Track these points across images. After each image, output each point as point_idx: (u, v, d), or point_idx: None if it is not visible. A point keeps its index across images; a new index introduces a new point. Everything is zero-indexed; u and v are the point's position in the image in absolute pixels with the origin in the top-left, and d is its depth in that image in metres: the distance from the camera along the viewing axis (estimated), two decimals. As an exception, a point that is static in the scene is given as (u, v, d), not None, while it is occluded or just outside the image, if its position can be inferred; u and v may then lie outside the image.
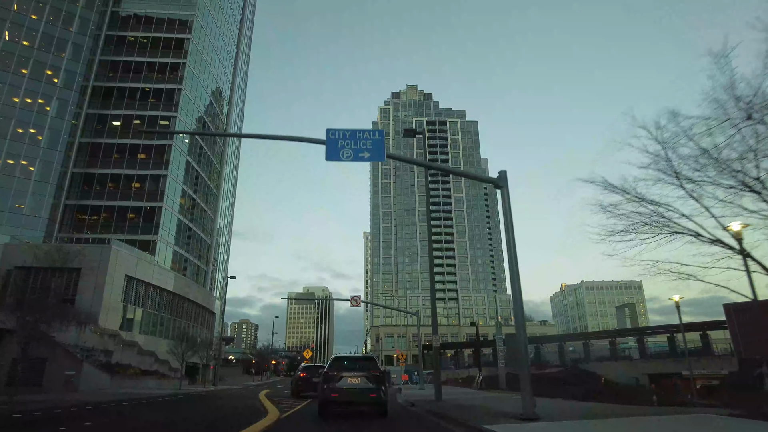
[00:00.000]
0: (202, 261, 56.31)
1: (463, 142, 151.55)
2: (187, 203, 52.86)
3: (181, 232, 50.97)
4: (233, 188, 73.59)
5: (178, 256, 50.38)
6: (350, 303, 29.84)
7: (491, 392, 23.80)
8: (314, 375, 21.30)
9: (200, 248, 56.86)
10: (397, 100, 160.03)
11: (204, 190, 57.67)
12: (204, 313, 56.04)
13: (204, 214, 58.04)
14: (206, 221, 58.34)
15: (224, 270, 72.91)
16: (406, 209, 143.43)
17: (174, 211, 48.63)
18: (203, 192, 57.47)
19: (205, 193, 57.98)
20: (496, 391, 24.52)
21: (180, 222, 50.53)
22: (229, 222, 71.56)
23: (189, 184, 53.25)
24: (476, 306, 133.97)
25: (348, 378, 11.59)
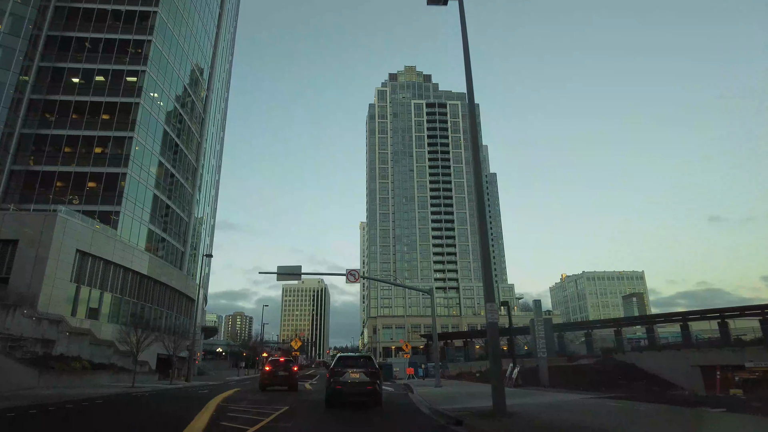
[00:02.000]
0: (179, 241, 49.90)
1: (463, 126, 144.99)
2: (165, 178, 46.39)
3: (157, 210, 44.57)
4: (217, 163, 66.96)
5: (154, 236, 44.01)
6: (346, 279, 23.64)
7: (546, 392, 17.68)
8: (280, 369, 21.63)
9: (179, 228, 50.42)
10: (395, 82, 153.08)
11: (184, 165, 51.13)
12: (182, 300, 49.71)
13: (183, 191, 51.54)
14: (185, 198, 51.84)
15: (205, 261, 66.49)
16: (404, 195, 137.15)
17: (148, 184, 42.23)
18: (183, 167, 50.92)
19: (185, 168, 51.43)
20: (549, 391, 18.45)
21: (156, 198, 44.12)
22: (212, 200, 65.02)
23: (167, 157, 46.78)
24: (478, 295, 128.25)
25: (350, 373, 13.70)
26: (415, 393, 19.19)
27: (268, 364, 23.00)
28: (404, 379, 40.75)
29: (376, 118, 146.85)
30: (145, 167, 41.62)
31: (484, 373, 32.44)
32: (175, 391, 23.22)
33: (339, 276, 22.48)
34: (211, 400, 14.46)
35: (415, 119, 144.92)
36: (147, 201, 42.08)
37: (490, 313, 9.59)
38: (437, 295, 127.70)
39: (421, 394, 17.86)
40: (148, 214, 42.07)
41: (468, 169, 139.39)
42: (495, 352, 9.61)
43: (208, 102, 58.41)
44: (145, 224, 41.58)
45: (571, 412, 10.55)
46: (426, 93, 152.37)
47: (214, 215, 69.47)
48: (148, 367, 37.31)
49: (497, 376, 9.31)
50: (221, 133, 69.03)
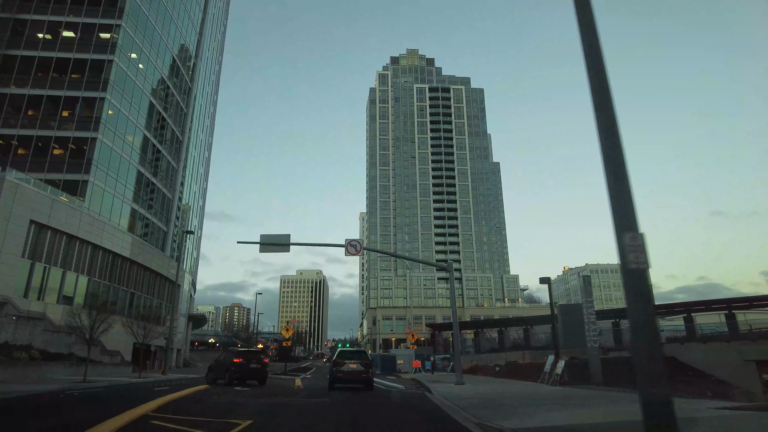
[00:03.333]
0: (162, 219, 45.28)
1: (467, 111, 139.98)
2: (146, 150, 41.71)
3: (135, 183, 39.96)
4: (207, 140, 62.15)
5: (131, 212, 39.44)
6: (346, 251, 19.14)
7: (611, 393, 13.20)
8: (252, 360, 19.56)
9: (162, 206, 45.79)
10: (397, 66, 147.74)
11: (169, 137, 46.43)
12: (164, 284, 45.20)
13: (168, 166, 46.87)
14: (170, 173, 47.14)
15: (195, 241, 61.99)
16: (406, 183, 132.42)
17: (124, 153, 37.65)
18: (168, 140, 46.23)
19: (170, 141, 46.73)
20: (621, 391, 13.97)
21: (135, 170, 39.48)
22: (201, 179, 60.30)
23: (148, 126, 42.09)
24: (481, 286, 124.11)
25: (348, 364, 17.66)
26: (435, 393, 14.72)
27: (238, 356, 19.98)
28: (410, 372, 36.36)
29: (376, 102, 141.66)
30: (120, 134, 36.88)
31: (507, 368, 27.98)
32: (129, 386, 18.71)
33: (338, 248, 17.66)
34: (148, 402, 9.95)
35: (417, 104, 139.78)
36: (123, 172, 37.39)
37: (632, 250, 4.95)
38: (439, 286, 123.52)
39: (445, 396, 13.38)
40: (123, 187, 37.40)
41: (472, 156, 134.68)
42: (649, 330, 4.90)
43: (195, 71, 53.50)
44: (120, 197, 36.93)
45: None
46: (429, 77, 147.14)
47: (204, 195, 64.87)
48: (120, 357, 32.93)
49: (658, 372, 4.66)
50: (212, 108, 64.16)
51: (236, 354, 20.51)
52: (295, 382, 20.46)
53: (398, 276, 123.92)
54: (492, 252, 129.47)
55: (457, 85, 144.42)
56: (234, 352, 21.21)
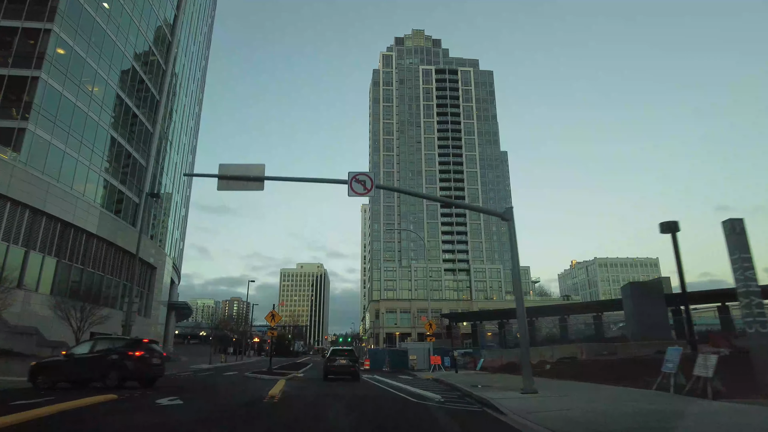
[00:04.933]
0: (133, 190, 38.63)
1: (476, 94, 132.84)
2: (111, 104, 35.10)
3: (105, 147, 33.43)
4: (193, 109, 55.36)
5: (100, 181, 32.98)
6: (349, 190, 12.49)
7: None
8: (154, 355, 14.92)
9: (135, 176, 39.21)
10: (401, 47, 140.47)
11: (144, 96, 39.83)
12: (137, 266, 38.65)
13: (144, 131, 40.27)
14: (145, 138, 40.49)
15: (181, 221, 55.41)
16: (411, 169, 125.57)
17: (80, 101, 31.00)
18: (142, 99, 39.63)
19: (145, 101, 40.12)
20: None
21: (102, 132, 32.94)
22: (187, 151, 53.59)
23: (128, 91, 35.55)
24: (490, 278, 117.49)
25: (339, 360, 20.96)
26: (514, 415, 8.03)
27: (137, 348, 14.60)
28: (426, 371, 29.71)
29: (380, 84, 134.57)
30: (75, 77, 30.17)
31: (558, 364, 21.31)
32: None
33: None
34: None
35: (423, 86, 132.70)
36: (78, 125, 30.68)
37: None
38: (445, 278, 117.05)
39: (547, 425, 6.66)
40: (78, 143, 30.71)
41: (481, 141, 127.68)
42: None
43: (176, 24, 46.63)
44: (74, 155, 30.24)
45: None
46: (435, 59, 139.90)
47: (192, 169, 58.23)
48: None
49: None
50: (198, 74, 57.35)
51: (131, 344, 14.58)
52: (274, 386, 13.83)
53: (402, 267, 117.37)
54: (501, 243, 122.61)
55: (465, 67, 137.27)
56: (130, 343, 14.95)
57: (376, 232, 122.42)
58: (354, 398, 12.05)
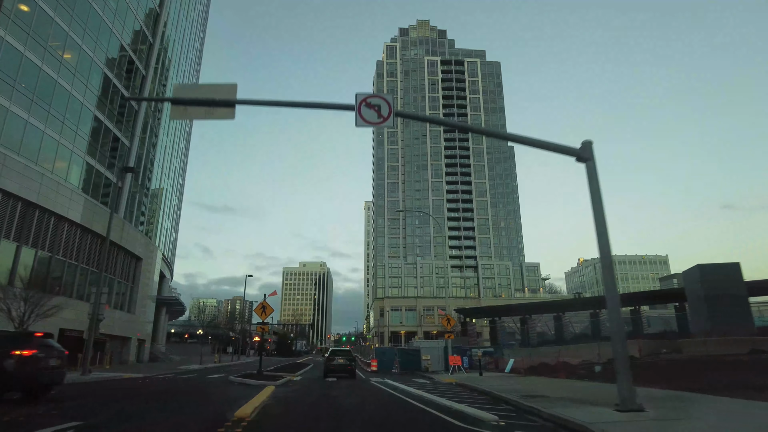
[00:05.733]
0: (110, 169, 34.85)
1: (483, 86, 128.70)
2: (101, 86, 31.44)
3: (77, 120, 29.70)
4: (193, 78, 51.53)
5: (72, 158, 29.24)
6: (357, 117, 8.49)
7: None
8: (52, 355, 10.70)
9: (115, 154, 35.45)
10: (406, 37, 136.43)
11: (129, 72, 36.12)
12: (126, 259, 34.94)
13: (131, 110, 36.56)
14: (127, 114, 36.72)
15: (171, 214, 51.72)
16: (416, 163, 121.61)
17: (45, 64, 27.22)
18: (127, 74, 35.92)
19: (129, 75, 36.40)
20: None
21: (73, 101, 29.17)
22: (179, 136, 49.80)
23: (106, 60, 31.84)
24: (499, 275, 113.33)
25: (338, 359, 23.48)
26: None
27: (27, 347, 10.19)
28: (442, 372, 25.78)
29: (384, 76, 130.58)
30: (40, 35, 26.40)
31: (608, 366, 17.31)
32: None
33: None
34: None
35: (428, 78, 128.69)
36: (46, 91, 26.91)
37: None
38: (452, 275, 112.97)
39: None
40: (45, 113, 26.94)
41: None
42: None
43: None
44: (39, 125, 26.46)
45: None
46: (440, 50, 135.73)
47: (186, 155, 54.57)
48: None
49: None
50: (192, 54, 53.54)
51: (16, 339, 10.86)
52: (255, 398, 9.96)
53: (407, 264, 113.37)
54: (510, 238, 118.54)
55: (471, 58, 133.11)
56: (14, 337, 11.38)
57: (380, 227, 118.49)
58: (370, 423, 8.16)
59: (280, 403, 10.67)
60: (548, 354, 24.92)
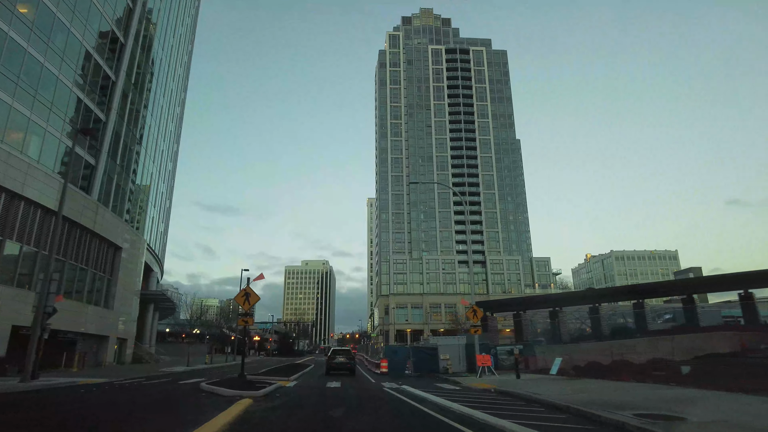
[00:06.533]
0: (83, 146, 30.72)
1: (489, 75, 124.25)
2: (66, 47, 27.36)
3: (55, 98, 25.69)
4: (183, 57, 47.40)
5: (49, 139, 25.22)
6: None
7: None
8: None
9: (99, 137, 31.37)
10: (409, 26, 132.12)
11: (110, 41, 32.03)
12: (101, 247, 30.80)
13: (100, 72, 32.45)
14: (105, 88, 32.60)
15: (160, 205, 47.68)
16: (420, 155, 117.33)
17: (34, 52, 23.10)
18: (107, 47, 31.83)
19: (109, 47, 32.30)
20: None
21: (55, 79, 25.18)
22: (171, 122, 45.62)
23: (73, 20, 27.73)
24: (508, 270, 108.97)
25: (338, 358, 25.80)
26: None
27: None
28: (465, 374, 21.52)
29: (387, 66, 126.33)
30: None
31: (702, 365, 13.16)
32: None
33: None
34: None
35: (432, 67, 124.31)
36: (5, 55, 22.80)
37: None
38: (460, 270, 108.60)
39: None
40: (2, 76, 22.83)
41: (495, 125, 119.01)
42: None
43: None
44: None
45: None
46: (445, 39, 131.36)
47: (177, 140, 50.48)
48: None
49: None
50: (182, 29, 49.34)
51: None
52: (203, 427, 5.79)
53: (413, 259, 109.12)
54: (519, 232, 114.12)
55: (476, 46, 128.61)
56: None
57: (384, 222, 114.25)
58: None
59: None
60: (594, 351, 20.64)
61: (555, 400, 9.89)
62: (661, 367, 14.46)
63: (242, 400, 9.61)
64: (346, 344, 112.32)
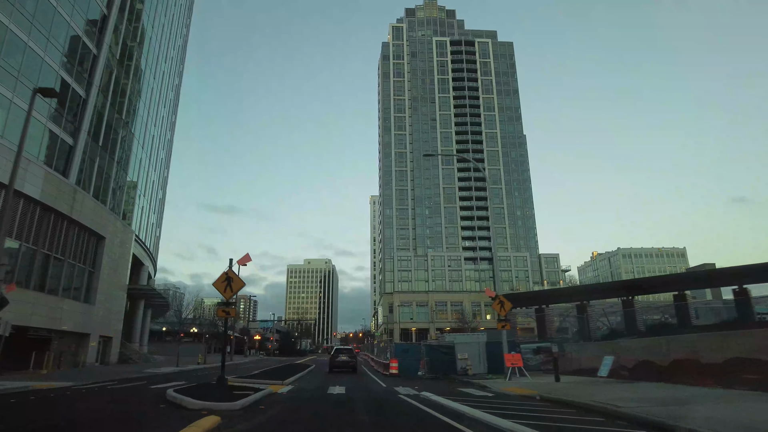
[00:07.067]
0: (57, 122, 27.80)
1: (495, 67, 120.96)
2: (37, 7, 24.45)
3: (22, 61, 22.79)
4: (177, 40, 44.51)
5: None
6: None
7: None
8: None
9: (78, 116, 28.51)
10: (413, 18, 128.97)
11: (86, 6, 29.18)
12: (81, 236, 27.91)
13: (86, 53, 29.57)
14: (83, 60, 29.70)
15: (150, 187, 44.89)
16: (425, 149, 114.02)
17: None
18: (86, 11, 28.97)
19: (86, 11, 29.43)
20: None
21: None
22: (162, 106, 42.68)
23: None
24: (516, 267, 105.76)
25: (341, 356, 27.42)
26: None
27: None
28: (494, 378, 18.47)
29: (390, 58, 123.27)
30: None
31: None
32: None
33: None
34: None
35: (437, 59, 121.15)
36: None
37: None
38: (466, 267, 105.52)
39: None
40: None
41: (502, 118, 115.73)
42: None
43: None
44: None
45: None
46: (450, 30, 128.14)
47: (172, 127, 47.60)
48: None
49: None
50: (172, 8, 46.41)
51: None
52: None
53: (418, 256, 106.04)
54: (527, 228, 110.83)
55: (482, 38, 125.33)
56: None
57: (388, 218, 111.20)
58: None
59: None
60: (639, 349, 17.54)
61: (660, 417, 6.85)
62: (752, 370, 11.39)
63: (205, 419, 6.65)
64: (350, 343, 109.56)
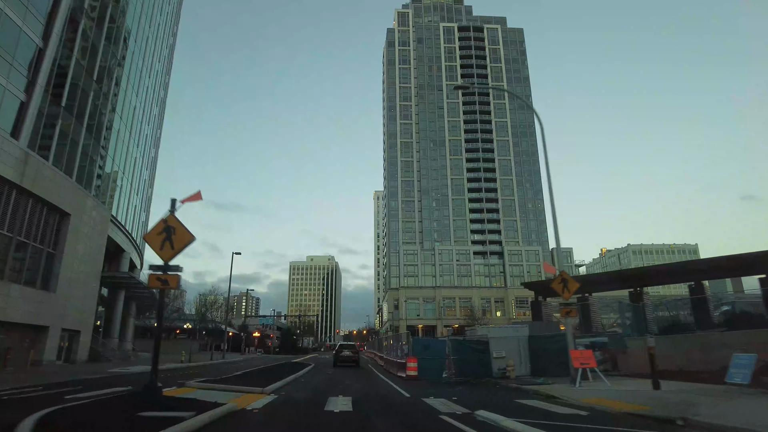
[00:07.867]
0: (4, 74, 23.25)
1: (505, 54, 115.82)
2: None
3: None
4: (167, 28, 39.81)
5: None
6: None
7: None
8: None
9: (34, 68, 23.98)
10: (419, 3, 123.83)
11: None
12: (38, 210, 23.35)
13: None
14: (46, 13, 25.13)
15: (132, 165, 40.44)
16: (432, 139, 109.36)
17: None
18: None
19: None
20: None
21: None
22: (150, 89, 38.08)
23: None
24: (528, 262, 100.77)
25: (345, 351, 30.13)
26: None
27: None
28: (541, 382, 13.79)
29: (395, 45, 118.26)
30: None
31: None
32: None
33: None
34: None
35: (444, 46, 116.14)
36: None
37: None
38: (475, 262, 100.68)
39: None
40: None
41: (512, 106, 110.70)
42: None
43: None
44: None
45: None
46: (457, 16, 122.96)
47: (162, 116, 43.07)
48: None
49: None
50: None
51: None
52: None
53: (425, 250, 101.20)
54: (539, 221, 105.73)
55: (491, 24, 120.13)
56: None
57: (393, 210, 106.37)
58: None
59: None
60: (740, 343, 12.71)
61: None
62: None
63: None
64: (353, 341, 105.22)
